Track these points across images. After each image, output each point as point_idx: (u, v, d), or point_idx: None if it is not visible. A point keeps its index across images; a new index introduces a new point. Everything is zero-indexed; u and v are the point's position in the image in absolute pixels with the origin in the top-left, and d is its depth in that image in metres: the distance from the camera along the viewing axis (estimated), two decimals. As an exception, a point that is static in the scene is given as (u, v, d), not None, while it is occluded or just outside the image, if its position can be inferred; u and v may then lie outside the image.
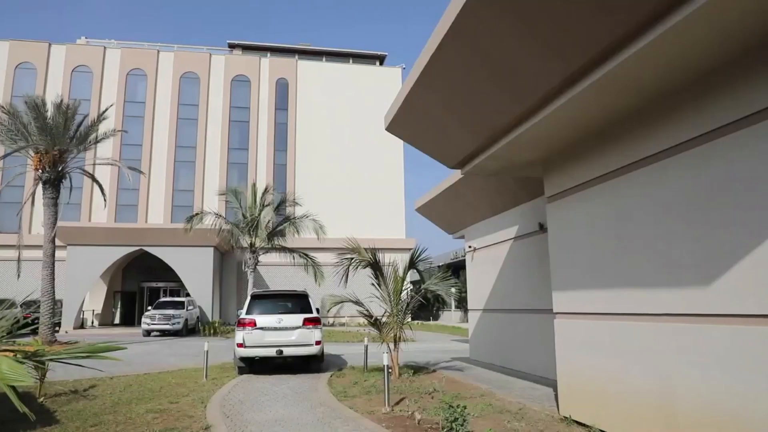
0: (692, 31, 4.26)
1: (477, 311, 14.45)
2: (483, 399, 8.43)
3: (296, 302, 12.52)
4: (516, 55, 5.78)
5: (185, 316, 25.80)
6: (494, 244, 13.32)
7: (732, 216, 4.69)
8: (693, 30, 4.25)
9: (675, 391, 5.25)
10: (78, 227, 30.44)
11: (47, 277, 18.53)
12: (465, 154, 8.68)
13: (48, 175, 18.94)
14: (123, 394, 9.16)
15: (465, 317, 35.48)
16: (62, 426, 6.77)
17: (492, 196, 12.59)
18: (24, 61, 37.60)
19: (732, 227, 4.68)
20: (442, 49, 6.11)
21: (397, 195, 40.18)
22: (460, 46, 5.99)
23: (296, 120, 40.15)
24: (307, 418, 7.32)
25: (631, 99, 5.69)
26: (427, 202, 15.01)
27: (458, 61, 6.36)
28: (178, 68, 39.33)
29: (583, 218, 7.08)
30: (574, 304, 7.20)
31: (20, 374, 3.25)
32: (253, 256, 24.06)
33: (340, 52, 44.61)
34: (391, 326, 11.21)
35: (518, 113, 6.62)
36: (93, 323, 32.95)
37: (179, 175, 38.19)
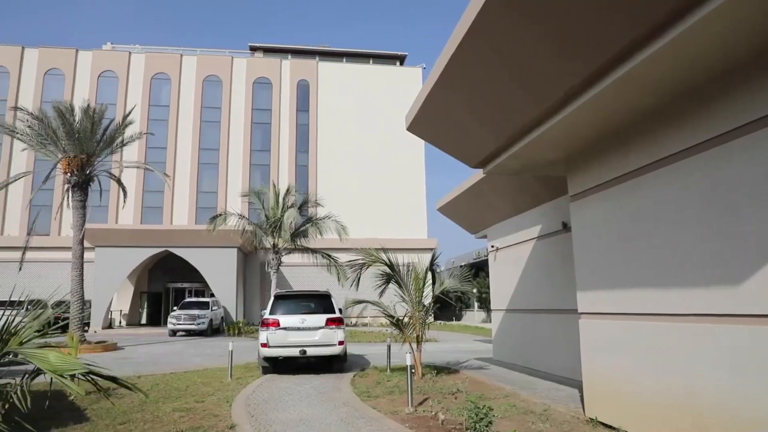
0: (714, 27, 4.18)
1: (500, 311, 14.35)
2: (507, 399, 8.37)
3: (319, 302, 12.59)
4: (535, 55, 5.74)
5: (210, 316, 26.14)
6: (517, 244, 13.22)
7: (755, 215, 4.59)
8: (715, 26, 4.17)
9: (702, 392, 5.15)
10: (105, 229, 31.07)
11: (76, 278, 18.93)
12: (486, 153, 8.64)
13: (76, 178, 19.35)
14: (150, 393, 9.30)
15: (488, 317, 35.27)
16: (92, 423, 6.93)
17: (514, 196, 12.50)
18: (53, 67, 38.49)
19: (755, 226, 4.59)
20: (462, 50, 6.09)
21: (419, 195, 40.11)
22: (479, 46, 5.97)
23: (317, 121, 40.37)
24: (330, 417, 7.36)
25: (651, 98, 5.62)
26: (449, 201, 14.96)
27: (478, 61, 6.34)
28: (201, 71, 39.87)
29: (606, 217, 6.99)
30: (598, 305, 7.12)
31: (72, 364, 3.35)
32: (276, 257, 24.26)
33: (360, 52, 44.71)
34: (413, 326, 11.20)
35: (538, 113, 6.57)
36: (121, 323, 33.59)
37: (203, 177, 38.71)
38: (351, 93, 40.99)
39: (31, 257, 33.67)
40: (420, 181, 40.45)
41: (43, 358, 3.45)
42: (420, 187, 40.35)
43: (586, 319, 7.44)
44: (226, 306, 30.11)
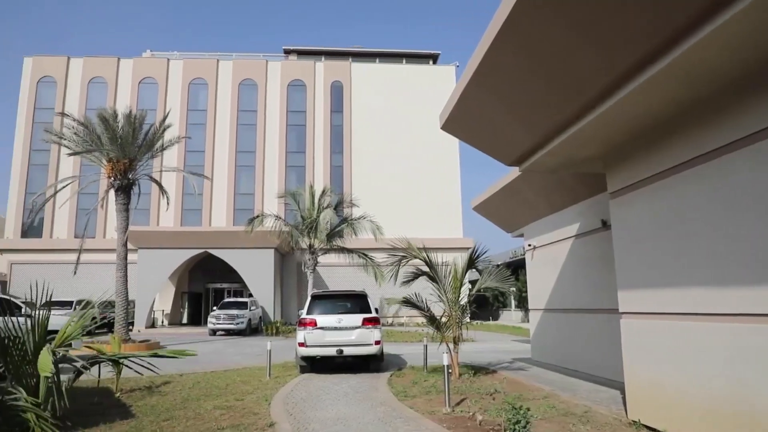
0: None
1: (538, 311, 14.14)
2: (546, 401, 8.25)
3: (355, 302, 12.65)
4: (571, 49, 5.63)
5: (248, 316, 26.58)
6: (554, 242, 13.00)
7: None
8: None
9: (752, 395, 4.96)
10: (147, 231, 31.96)
11: (121, 279, 19.51)
12: (522, 151, 8.53)
13: (119, 182, 19.97)
14: (192, 390, 9.53)
15: (525, 317, 34.80)
16: (138, 420, 7.14)
17: (551, 194, 12.30)
18: (96, 75, 39.85)
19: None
20: (496, 46, 6.02)
21: (454, 194, 39.87)
22: (513, 42, 5.90)
23: (351, 122, 40.60)
24: (367, 417, 7.39)
25: (697, 89, 5.43)
26: (484, 200, 14.82)
27: (512, 57, 6.26)
28: (236, 76, 40.61)
29: (648, 214, 6.80)
30: (641, 304, 6.93)
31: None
32: (313, 257, 24.50)
33: (393, 52, 44.74)
34: (450, 326, 11.14)
35: (576, 108, 6.44)
36: (163, 323, 34.49)
37: (240, 179, 39.40)
38: (384, 93, 41.07)
39: (82, 259, 35.03)
40: (455, 179, 40.21)
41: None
42: (455, 185, 40.12)
43: (627, 318, 7.26)
44: (264, 306, 30.56)
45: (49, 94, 39.30)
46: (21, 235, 37.40)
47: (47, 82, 39.55)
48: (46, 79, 39.54)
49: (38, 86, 39.42)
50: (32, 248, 36.54)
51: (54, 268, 35.01)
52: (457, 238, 37.74)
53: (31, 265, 35.77)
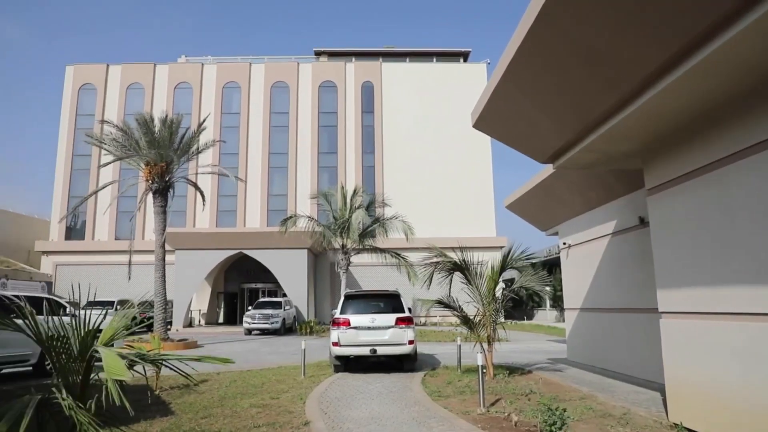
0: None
1: (574, 310, 13.89)
2: (583, 402, 8.09)
3: (388, 302, 12.65)
4: (608, 40, 5.50)
5: (283, 315, 26.90)
6: (590, 241, 12.75)
7: None
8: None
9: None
10: (184, 233, 32.66)
11: (159, 279, 19.99)
12: (556, 147, 8.39)
13: (157, 185, 20.46)
14: (229, 389, 9.69)
15: (561, 316, 34.24)
16: (177, 417, 7.30)
17: (586, 191, 12.07)
18: (134, 82, 40.95)
19: None
20: (530, 40, 5.93)
21: (486, 193, 39.50)
22: (548, 35, 5.80)
23: (383, 122, 40.65)
24: (402, 416, 7.38)
25: (742, 78, 5.23)
26: (518, 198, 14.65)
27: (546, 51, 6.15)
28: (268, 78, 41.13)
29: (689, 210, 6.60)
30: (681, 303, 6.73)
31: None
32: (345, 257, 24.61)
33: (424, 51, 44.62)
34: (484, 326, 11.04)
35: (613, 102, 6.29)
36: (200, 322, 35.19)
37: (273, 181, 39.90)
38: (415, 92, 40.98)
39: (120, 260, 36.15)
40: (487, 178, 39.84)
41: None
42: (487, 184, 39.74)
43: (667, 318, 7.07)
44: (298, 306, 30.87)
45: (89, 101, 40.57)
46: (65, 238, 38.70)
47: (88, 89, 40.83)
48: (87, 86, 40.83)
49: (79, 93, 40.73)
50: (75, 250, 37.79)
51: (95, 269, 36.23)
52: (491, 237, 37.38)
53: (75, 266, 37.02)
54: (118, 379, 3.50)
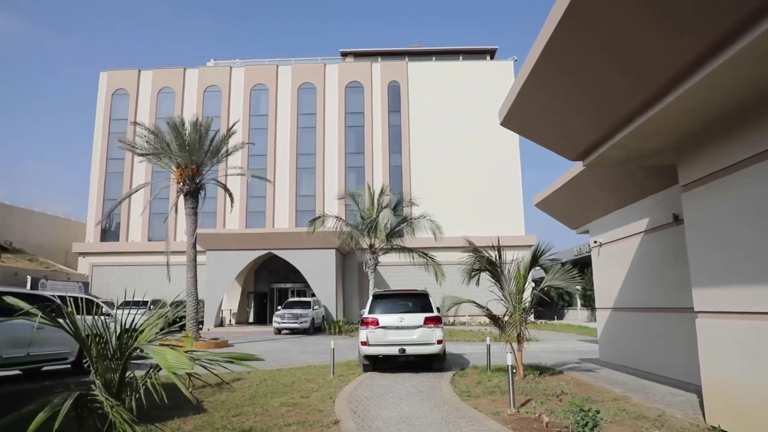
0: None
1: (606, 310, 13.64)
2: (616, 403, 7.94)
3: (417, 301, 12.63)
4: (639, 33, 5.38)
5: (312, 315, 27.11)
6: (622, 239, 12.50)
7: None
8: None
9: None
10: (214, 233, 33.19)
11: (191, 280, 20.36)
12: (586, 144, 8.26)
13: (188, 187, 20.84)
14: (259, 387, 9.81)
15: (592, 316, 33.69)
16: (209, 414, 7.43)
17: (617, 188, 11.84)
18: (165, 86, 41.82)
19: None
20: (558, 35, 5.84)
21: (515, 191, 39.12)
22: (577, 28, 5.70)
23: (409, 121, 40.62)
24: (431, 416, 7.36)
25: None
26: (547, 197, 14.45)
27: (576, 45, 6.05)
28: (296, 80, 41.50)
29: (726, 207, 6.42)
30: (718, 303, 6.55)
31: (183, 363, 3.64)
32: (373, 257, 24.65)
33: (450, 50, 44.44)
34: (514, 325, 10.94)
35: (645, 97, 6.16)
36: (230, 322, 35.72)
37: (301, 181, 40.24)
38: (442, 91, 40.83)
39: (152, 261, 37.00)
40: (516, 176, 39.45)
41: (162, 355, 3.75)
42: (516, 182, 39.35)
43: (703, 318, 6.88)
44: (327, 305, 31.07)
45: (122, 106, 41.58)
46: (100, 239, 39.74)
47: (120, 94, 41.84)
48: (120, 91, 41.84)
49: (113, 98, 41.77)
50: (110, 251, 38.79)
51: (129, 269, 37.17)
52: (519, 235, 36.98)
53: (109, 267, 38.02)
54: (181, 371, 3.59)
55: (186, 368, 3.61)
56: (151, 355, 3.81)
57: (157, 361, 3.77)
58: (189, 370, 3.64)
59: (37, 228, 38.83)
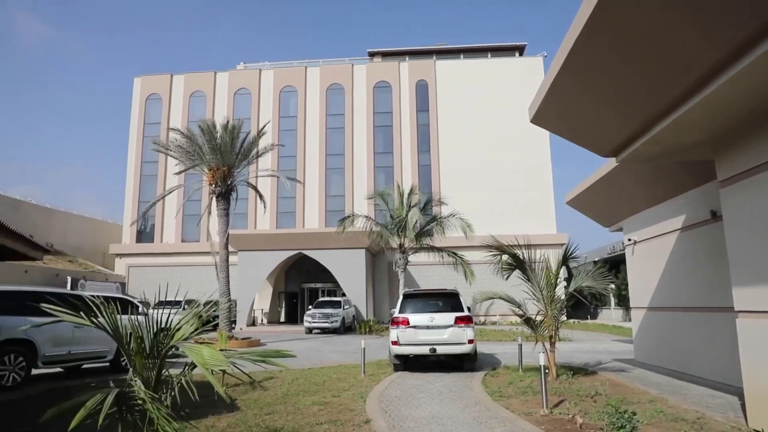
0: None
1: (641, 309, 13.35)
2: (653, 405, 7.76)
3: (447, 301, 12.58)
4: (674, 25, 5.25)
5: (342, 314, 27.26)
6: (657, 236, 12.22)
7: None
8: None
9: None
10: (246, 234, 33.65)
11: (223, 280, 20.70)
12: (619, 140, 8.10)
13: (219, 188, 21.20)
14: (291, 386, 9.91)
15: (626, 316, 33.00)
16: (242, 412, 7.55)
17: (652, 184, 11.57)
18: (196, 90, 42.60)
19: None
20: (590, 28, 5.73)
21: (545, 189, 38.55)
22: (610, 21, 5.59)
23: (438, 120, 40.46)
24: (462, 416, 7.32)
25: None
26: (579, 194, 14.22)
27: (608, 39, 5.93)
28: (324, 81, 41.78)
29: (766, 203, 6.21)
30: (761, 301, 6.34)
31: (219, 360, 3.73)
32: (403, 256, 24.65)
33: (478, 47, 44.12)
34: (546, 325, 10.80)
35: (680, 90, 6.00)
36: (262, 321, 36.18)
37: (330, 182, 40.49)
38: (470, 89, 40.54)
39: (185, 261, 37.78)
40: (546, 174, 38.89)
41: (198, 353, 3.83)
42: (547, 180, 38.79)
43: (744, 318, 6.67)
44: (357, 305, 31.19)
45: (155, 110, 42.53)
46: (136, 241, 40.74)
47: (154, 99, 42.80)
48: (153, 96, 42.80)
49: (146, 103, 42.76)
50: (145, 252, 39.74)
51: (164, 270, 38.03)
52: (551, 234, 36.46)
53: (145, 267, 38.97)
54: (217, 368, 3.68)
55: (221, 365, 3.68)
56: (187, 353, 3.89)
57: (192, 359, 3.85)
58: (224, 367, 3.71)
59: (75, 230, 40.01)
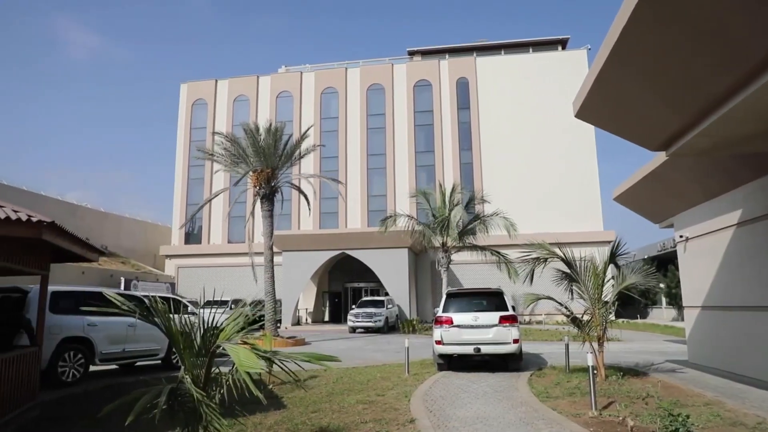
0: None
1: (694, 308, 12.86)
2: (709, 408, 7.46)
3: (491, 300, 12.45)
4: (728, 10, 5.02)
5: (385, 314, 27.34)
6: (712, 232, 11.74)
7: None
8: None
9: None
10: (290, 235, 34.18)
11: (269, 280, 21.08)
12: (669, 134, 7.82)
13: (264, 190, 21.61)
14: (336, 385, 10.01)
15: (678, 315, 31.86)
16: (288, 410, 7.67)
17: (705, 178, 11.13)
18: (240, 94, 43.56)
19: None
20: (636, 18, 5.55)
21: (591, 185, 37.58)
22: (658, 10, 5.40)
23: (479, 117, 40.04)
24: (508, 417, 7.23)
25: None
26: (627, 190, 13.81)
27: (657, 28, 5.73)
28: (364, 82, 41.98)
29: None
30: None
31: (254, 363, 3.81)
32: (446, 255, 24.52)
33: (519, 42, 43.45)
34: (594, 324, 10.54)
35: (736, 78, 5.75)
36: (307, 320, 36.69)
37: (372, 182, 40.65)
38: (512, 85, 39.96)
39: (232, 262, 38.66)
40: (592, 169, 37.91)
41: (236, 353, 3.92)
42: (592, 176, 37.81)
43: (808, 316, 6.33)
44: (400, 304, 31.21)
45: (201, 115, 43.71)
46: (184, 242, 41.98)
47: (200, 104, 44.00)
48: (199, 101, 44.00)
49: (193, 108, 44.00)
50: (193, 253, 40.91)
51: (211, 270, 39.12)
52: (597, 231, 35.57)
53: (193, 268, 40.12)
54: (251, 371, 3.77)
55: (255, 368, 3.75)
56: (229, 352, 3.98)
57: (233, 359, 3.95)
58: (258, 369, 3.78)
59: (128, 233, 41.54)
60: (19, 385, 7.35)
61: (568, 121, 31.85)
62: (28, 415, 7.47)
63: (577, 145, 37.51)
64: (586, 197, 37.21)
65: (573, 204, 36.81)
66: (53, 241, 6.50)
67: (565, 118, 33.10)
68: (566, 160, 37.74)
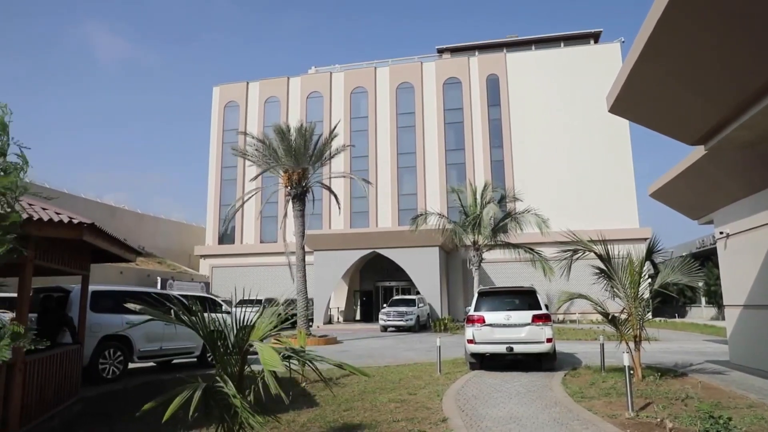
0: None
1: (736, 307, 12.45)
2: (752, 411, 7.21)
3: (524, 299, 12.31)
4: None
5: (417, 313, 27.31)
6: (754, 228, 11.34)
7: None
8: None
9: None
10: (321, 234, 34.46)
11: (300, 279, 21.30)
12: (707, 127, 7.60)
13: (295, 190, 21.83)
14: (368, 383, 10.04)
15: (719, 314, 30.92)
16: (321, 408, 7.74)
17: (747, 172, 10.76)
18: (271, 95, 44.11)
19: None
20: (672, 7, 5.40)
21: (626, 181, 36.71)
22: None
23: (510, 114, 39.60)
24: (542, 417, 7.13)
25: None
26: (663, 185, 13.46)
27: (694, 18, 5.57)
28: (393, 80, 41.98)
29: None
30: None
31: (275, 362, 3.87)
32: (477, 254, 24.36)
33: (550, 37, 42.82)
34: (630, 323, 10.31)
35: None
36: (338, 319, 36.93)
37: (402, 181, 40.64)
38: (543, 80, 39.37)
39: (264, 261, 39.20)
40: (627, 165, 37.04)
41: (262, 352, 3.99)
42: (627, 172, 36.94)
43: None
44: (431, 303, 31.13)
45: (233, 117, 44.43)
46: (218, 242, 42.75)
47: (231, 106, 44.73)
48: (231, 103, 44.74)
49: (225, 110, 44.75)
50: (227, 253, 41.62)
51: (244, 270, 39.74)
52: (633, 228, 34.79)
53: (227, 268, 40.84)
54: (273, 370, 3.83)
55: (277, 367, 3.82)
56: (258, 351, 4.04)
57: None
58: (279, 368, 3.85)
59: (164, 233, 42.53)
60: (63, 381, 7.61)
61: (601, 116, 31.23)
62: (71, 410, 7.73)
63: (612, 141, 36.76)
64: (620, 194, 36.41)
65: (607, 200, 36.09)
66: (93, 242, 6.70)
67: (599, 113, 32.47)
68: (600, 155, 37.02)
